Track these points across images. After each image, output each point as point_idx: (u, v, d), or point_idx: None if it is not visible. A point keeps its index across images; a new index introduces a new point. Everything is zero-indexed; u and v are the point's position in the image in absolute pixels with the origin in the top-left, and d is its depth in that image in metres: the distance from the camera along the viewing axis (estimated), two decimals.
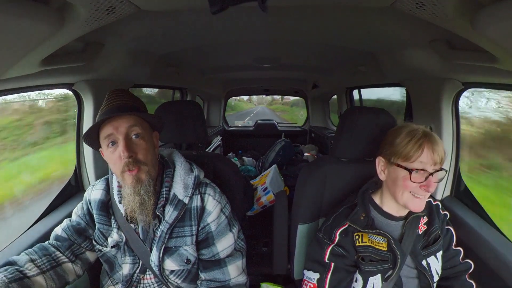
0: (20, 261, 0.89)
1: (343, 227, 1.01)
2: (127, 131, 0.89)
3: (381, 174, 1.00)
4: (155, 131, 1.02)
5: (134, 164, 0.89)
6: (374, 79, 1.98)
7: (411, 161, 0.90)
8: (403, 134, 0.93)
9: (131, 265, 1.00)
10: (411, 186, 0.91)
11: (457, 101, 1.37)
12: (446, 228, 1.08)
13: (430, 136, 0.91)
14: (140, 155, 0.90)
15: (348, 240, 1.00)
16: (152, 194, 0.93)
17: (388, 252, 0.98)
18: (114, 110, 0.90)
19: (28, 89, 1.10)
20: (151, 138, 0.97)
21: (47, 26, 0.65)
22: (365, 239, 0.99)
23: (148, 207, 0.92)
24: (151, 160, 0.93)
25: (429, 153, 0.89)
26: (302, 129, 4.32)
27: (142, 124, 0.93)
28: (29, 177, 1.48)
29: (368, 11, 0.92)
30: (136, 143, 0.91)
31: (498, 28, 0.63)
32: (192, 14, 1.01)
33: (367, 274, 0.98)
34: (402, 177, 0.92)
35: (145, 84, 1.90)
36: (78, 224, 1.03)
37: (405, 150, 0.91)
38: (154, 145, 0.98)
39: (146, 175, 0.91)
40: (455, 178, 1.42)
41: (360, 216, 1.01)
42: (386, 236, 0.98)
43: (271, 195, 2.49)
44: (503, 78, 1.02)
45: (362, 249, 0.99)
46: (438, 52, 1.07)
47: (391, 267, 0.98)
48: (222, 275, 1.00)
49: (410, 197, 0.93)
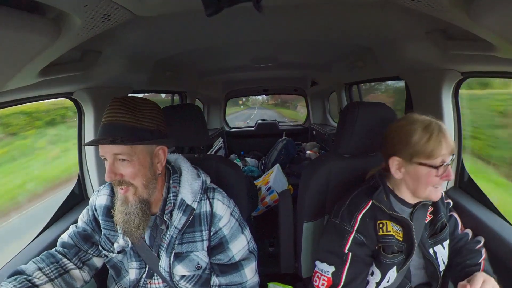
0: (28, 270, 0.90)
1: (365, 208, 0.96)
2: (114, 156, 0.86)
3: (396, 173, 0.95)
4: (161, 147, 0.93)
5: (121, 184, 0.88)
6: (373, 74, 1.97)
7: (435, 158, 0.89)
8: (418, 132, 0.90)
9: (138, 270, 1.00)
10: (435, 181, 0.90)
11: (457, 91, 1.36)
12: (449, 214, 1.09)
13: (442, 127, 0.90)
14: (126, 177, 0.87)
15: (370, 227, 0.95)
16: (138, 216, 0.90)
17: (403, 242, 0.96)
18: (107, 130, 0.85)
19: (28, 100, 1.11)
20: (145, 159, 0.89)
21: (44, 37, 0.65)
22: (389, 227, 0.95)
23: (133, 226, 0.90)
24: (140, 182, 0.89)
25: (447, 144, 0.89)
26: (303, 127, 4.32)
27: (135, 148, 0.87)
28: None
29: (363, 5, 0.92)
30: (123, 165, 0.87)
31: (495, 17, 0.62)
32: (188, 17, 1.01)
33: (387, 267, 0.95)
34: (425, 173, 0.90)
35: (144, 89, 1.90)
36: (84, 230, 1.04)
37: (427, 148, 0.88)
38: (150, 164, 0.91)
39: (134, 196, 0.90)
40: (459, 168, 1.42)
41: (383, 196, 0.97)
42: (406, 225, 0.95)
43: (275, 195, 2.49)
44: (502, 66, 1.02)
45: (385, 239, 0.95)
46: (436, 43, 1.07)
47: (405, 257, 0.96)
48: (239, 278, 1.00)
49: (433, 190, 0.93)
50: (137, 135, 0.85)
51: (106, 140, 0.84)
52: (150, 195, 0.93)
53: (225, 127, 4.25)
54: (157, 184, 0.95)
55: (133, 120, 0.85)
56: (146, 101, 0.91)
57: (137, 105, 0.87)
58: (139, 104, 0.88)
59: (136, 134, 0.85)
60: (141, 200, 0.91)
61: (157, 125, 0.90)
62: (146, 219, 0.92)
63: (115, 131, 0.84)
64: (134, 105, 0.87)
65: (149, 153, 0.90)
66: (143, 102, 0.90)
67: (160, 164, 0.94)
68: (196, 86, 2.84)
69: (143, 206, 0.91)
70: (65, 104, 1.60)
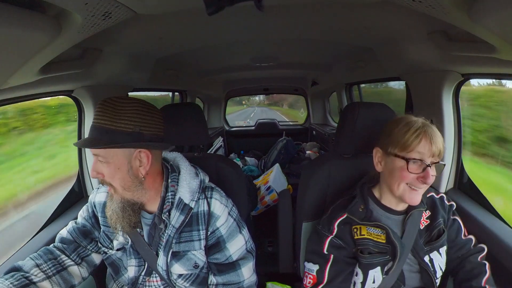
0: (26, 266, 0.90)
1: (341, 218, 1.01)
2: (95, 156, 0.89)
3: (377, 165, 0.99)
4: (141, 150, 0.89)
5: (104, 183, 0.91)
6: (373, 74, 1.97)
7: (409, 151, 0.89)
8: (401, 124, 0.92)
9: (137, 267, 1.00)
10: (408, 177, 0.90)
11: (457, 93, 1.36)
12: (453, 218, 1.07)
13: (428, 127, 0.90)
14: (106, 177, 0.89)
15: (347, 232, 1.00)
16: (117, 214, 0.91)
17: (387, 244, 0.98)
18: (90, 132, 0.87)
19: (28, 97, 1.11)
20: (121, 162, 0.87)
21: (44, 34, 0.65)
22: (363, 231, 0.99)
23: (113, 221, 0.92)
24: (119, 184, 0.89)
25: (427, 144, 0.88)
26: (303, 127, 4.32)
27: (108, 150, 0.85)
28: None
29: (364, 5, 0.92)
30: (103, 166, 0.88)
31: (495, 18, 0.62)
32: (189, 16, 1.01)
33: (367, 267, 0.98)
34: (399, 167, 0.91)
35: (144, 88, 1.90)
36: (84, 226, 1.04)
37: (402, 139, 0.89)
38: (128, 168, 0.88)
39: (115, 195, 0.91)
40: (458, 170, 1.42)
41: (359, 207, 1.00)
42: (384, 228, 0.97)
43: (274, 194, 2.49)
44: (503, 68, 1.01)
45: (360, 242, 0.99)
46: (437, 44, 1.06)
47: (390, 259, 0.98)
48: (237, 277, 1.00)
49: (407, 189, 0.92)
50: (109, 138, 0.83)
51: (84, 142, 0.92)
52: (136, 196, 0.92)
53: (225, 126, 4.25)
54: (145, 186, 0.93)
55: (110, 122, 0.83)
56: (128, 100, 0.87)
57: (117, 106, 0.85)
58: (120, 105, 0.85)
59: (107, 137, 0.83)
60: (123, 200, 0.91)
61: (136, 126, 0.85)
62: (127, 218, 0.92)
63: (95, 133, 0.86)
64: (114, 106, 0.84)
65: (126, 156, 0.87)
66: (124, 102, 0.86)
67: (143, 167, 0.90)
68: (196, 85, 2.84)
69: (125, 205, 0.91)
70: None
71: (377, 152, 0.99)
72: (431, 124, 0.92)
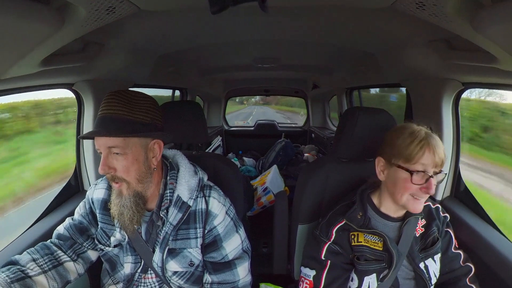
0: (22, 260, 0.90)
1: (339, 224, 1.01)
2: (108, 149, 0.86)
3: (380, 174, 0.99)
4: (156, 141, 0.93)
5: (114, 179, 0.88)
6: (374, 80, 1.98)
7: (413, 163, 0.89)
8: (404, 135, 0.92)
9: (133, 264, 1.00)
10: (412, 188, 0.90)
11: (457, 101, 1.37)
12: (446, 230, 1.08)
13: (432, 138, 0.90)
14: (119, 172, 0.87)
15: (345, 238, 1.01)
16: (132, 209, 0.90)
17: (384, 252, 0.98)
18: (101, 123, 0.85)
19: (28, 89, 1.10)
20: (139, 152, 0.89)
21: (47, 26, 0.65)
22: (360, 238, 1.00)
23: (126, 219, 0.90)
24: (134, 176, 0.89)
25: (431, 155, 0.88)
26: (302, 129, 4.32)
27: (128, 140, 0.86)
28: None
29: (368, 11, 0.92)
30: (116, 159, 0.86)
31: (498, 29, 0.63)
32: (192, 14, 1.01)
33: (362, 274, 0.98)
34: (403, 178, 0.91)
35: (145, 84, 1.90)
36: (81, 223, 1.04)
37: (406, 151, 0.89)
38: (144, 158, 0.90)
39: (127, 190, 0.90)
40: (455, 178, 1.42)
41: (358, 214, 1.01)
42: (381, 236, 0.98)
43: (271, 195, 2.49)
44: (503, 78, 1.02)
45: (357, 249, 0.99)
46: (438, 52, 1.07)
47: (386, 266, 0.98)
48: (232, 277, 1.00)
49: (410, 199, 0.93)
50: (131, 128, 0.85)
51: (99, 132, 0.84)
52: (145, 189, 0.93)
53: (224, 126, 4.24)
54: (152, 179, 0.94)
55: (127, 113, 0.85)
56: (141, 94, 0.90)
57: (132, 99, 0.87)
58: (134, 98, 0.88)
59: (129, 127, 0.85)
60: (135, 193, 0.91)
61: (151, 118, 0.89)
62: (140, 212, 0.92)
63: (109, 123, 0.84)
64: (129, 98, 0.87)
65: (143, 146, 0.89)
66: (138, 95, 0.89)
67: (155, 158, 0.93)
68: (197, 83, 2.84)
69: (137, 199, 0.91)
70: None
71: (380, 162, 0.99)
72: (433, 134, 0.92)
